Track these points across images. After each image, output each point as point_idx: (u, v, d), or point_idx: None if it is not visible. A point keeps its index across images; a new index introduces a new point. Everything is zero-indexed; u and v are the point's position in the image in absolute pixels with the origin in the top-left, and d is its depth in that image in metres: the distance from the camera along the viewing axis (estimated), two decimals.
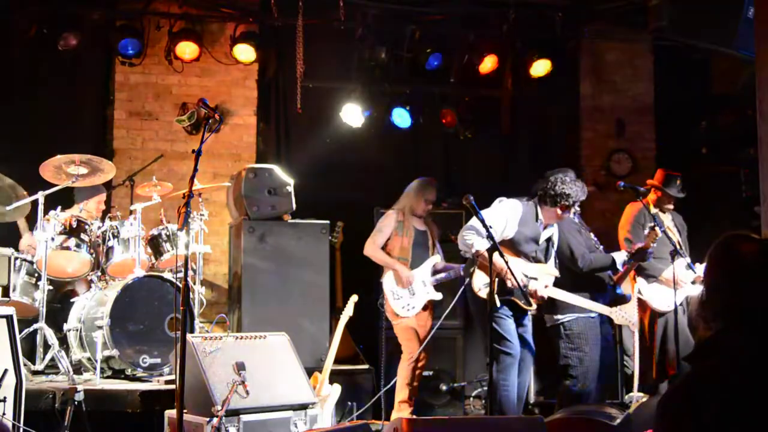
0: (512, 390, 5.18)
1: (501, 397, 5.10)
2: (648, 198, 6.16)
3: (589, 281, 5.48)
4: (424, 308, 5.92)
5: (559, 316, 5.50)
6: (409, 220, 5.99)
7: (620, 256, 5.51)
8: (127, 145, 7.60)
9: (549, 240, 5.41)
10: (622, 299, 5.61)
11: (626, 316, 5.34)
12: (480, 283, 5.11)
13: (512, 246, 5.20)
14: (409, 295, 5.81)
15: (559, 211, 5.23)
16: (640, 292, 5.98)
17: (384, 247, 5.99)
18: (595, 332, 5.48)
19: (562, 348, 5.49)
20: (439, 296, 5.92)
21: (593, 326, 5.48)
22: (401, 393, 5.74)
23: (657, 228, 5.34)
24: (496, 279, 5.01)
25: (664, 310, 6.00)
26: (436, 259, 6.00)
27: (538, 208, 5.28)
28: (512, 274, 4.85)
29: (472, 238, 5.02)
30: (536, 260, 5.33)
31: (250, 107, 7.88)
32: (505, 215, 5.17)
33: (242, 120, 7.85)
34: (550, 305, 5.54)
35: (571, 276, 5.44)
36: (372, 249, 5.97)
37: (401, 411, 5.77)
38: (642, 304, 5.99)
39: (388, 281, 5.84)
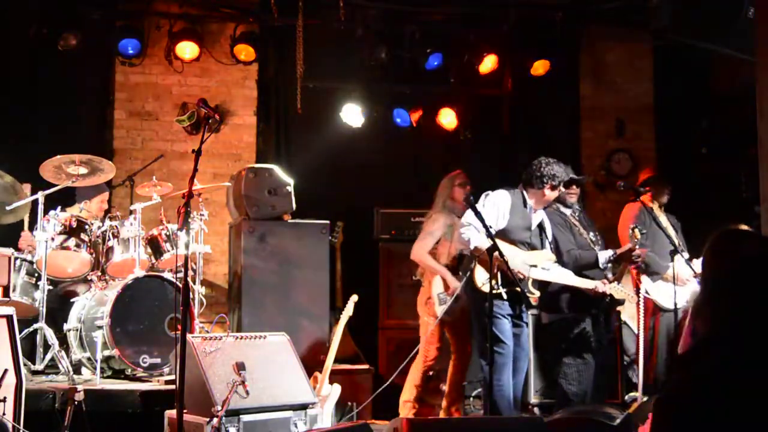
0: (506, 390, 5.19)
1: (495, 397, 5.12)
2: (646, 198, 6.19)
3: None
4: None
5: (551, 315, 5.53)
6: (456, 222, 5.74)
7: (604, 255, 5.51)
8: (127, 145, 7.60)
9: (541, 226, 5.46)
10: (619, 302, 5.63)
11: (625, 290, 5.36)
12: (482, 278, 5.12)
13: (506, 235, 5.24)
14: (453, 303, 5.67)
15: (546, 192, 5.31)
16: (647, 292, 5.99)
17: (430, 252, 5.80)
18: (585, 331, 5.49)
19: (557, 345, 5.52)
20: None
21: (583, 326, 5.50)
22: (408, 393, 5.73)
23: (637, 230, 5.37)
24: (498, 273, 5.03)
25: (671, 308, 5.97)
26: None
27: (525, 194, 5.34)
28: (512, 274, 4.87)
29: (470, 235, 5.06)
30: (531, 247, 5.36)
31: (250, 107, 7.88)
32: (496, 207, 5.26)
33: (242, 120, 7.85)
34: (546, 303, 5.56)
35: None
36: (420, 254, 5.78)
37: (405, 409, 5.78)
38: (646, 305, 5.99)
39: (436, 285, 5.72)
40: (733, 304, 2.05)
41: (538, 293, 5.34)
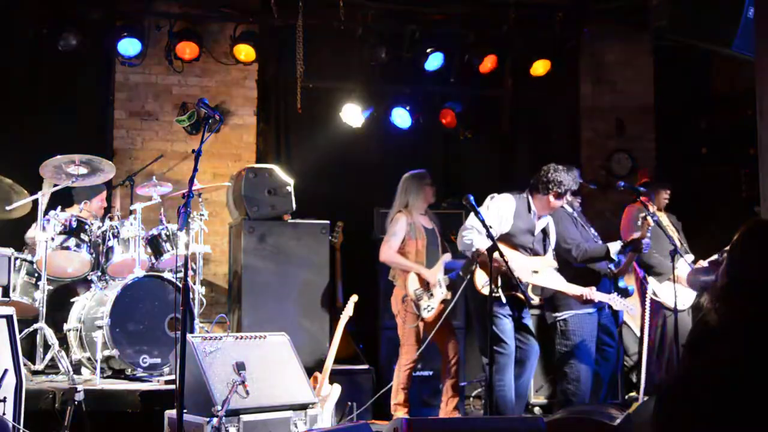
0: (508, 390, 5.19)
1: (497, 397, 5.11)
2: (644, 199, 6.19)
3: (587, 275, 5.49)
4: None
5: (556, 314, 5.53)
6: (418, 220, 5.80)
7: (614, 247, 5.50)
8: (127, 145, 7.60)
9: (545, 231, 5.45)
10: (624, 292, 5.62)
11: (625, 302, 5.35)
12: (482, 280, 5.12)
13: (509, 239, 5.24)
14: (427, 296, 5.70)
15: (551, 199, 5.29)
16: (654, 294, 5.99)
17: (398, 251, 5.77)
18: (591, 329, 5.50)
19: (558, 345, 5.53)
20: (449, 295, 5.74)
21: (590, 323, 5.51)
22: (397, 396, 5.72)
23: (649, 218, 5.35)
24: (499, 276, 5.03)
25: (680, 308, 5.96)
26: (448, 257, 5.85)
27: (531, 199, 5.34)
28: (513, 274, 4.86)
29: (472, 238, 5.05)
30: (534, 252, 5.35)
31: (250, 107, 7.88)
32: (499, 210, 5.24)
33: (242, 120, 7.84)
34: (549, 302, 5.57)
35: (570, 270, 5.46)
36: (389, 254, 5.73)
37: (397, 412, 5.78)
38: (653, 306, 5.99)
39: (412, 282, 5.69)
40: (758, 295, 2.03)
41: (537, 299, 5.35)
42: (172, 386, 4.69)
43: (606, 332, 5.70)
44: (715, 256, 5.98)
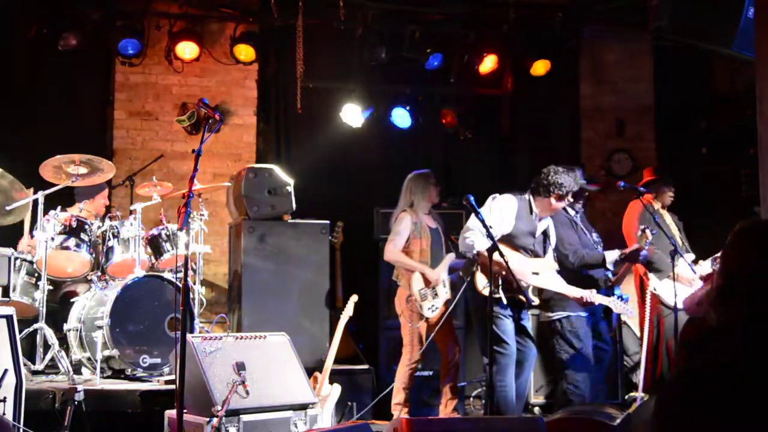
0: (510, 390, 5.19)
1: (498, 398, 5.11)
2: (648, 197, 6.19)
3: (584, 281, 5.49)
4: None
5: (551, 314, 5.54)
6: (422, 220, 5.79)
7: (611, 256, 5.51)
8: (127, 145, 7.61)
9: (545, 233, 5.45)
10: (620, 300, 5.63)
11: (624, 305, 5.36)
12: (483, 282, 5.12)
13: (510, 240, 5.23)
14: (432, 296, 5.69)
15: (553, 201, 5.28)
16: (655, 289, 5.99)
17: (402, 251, 5.76)
18: (587, 330, 5.50)
19: (557, 346, 5.53)
20: (450, 295, 5.77)
21: (585, 324, 5.50)
22: (398, 396, 5.72)
23: (647, 231, 5.36)
24: (499, 277, 5.02)
25: (679, 307, 5.96)
26: (452, 257, 5.83)
27: (532, 201, 5.32)
28: (513, 275, 4.86)
29: (474, 239, 5.05)
30: (535, 254, 5.35)
31: (250, 107, 7.89)
32: (501, 211, 5.23)
33: (242, 120, 7.85)
34: (545, 303, 5.57)
35: (567, 275, 5.46)
36: (394, 254, 5.72)
37: (397, 412, 5.78)
38: (652, 302, 5.99)
39: (416, 282, 5.68)
40: (755, 294, 2.03)
41: (537, 300, 5.35)
42: (172, 386, 4.69)
43: (599, 337, 5.69)
44: (708, 263, 5.97)
